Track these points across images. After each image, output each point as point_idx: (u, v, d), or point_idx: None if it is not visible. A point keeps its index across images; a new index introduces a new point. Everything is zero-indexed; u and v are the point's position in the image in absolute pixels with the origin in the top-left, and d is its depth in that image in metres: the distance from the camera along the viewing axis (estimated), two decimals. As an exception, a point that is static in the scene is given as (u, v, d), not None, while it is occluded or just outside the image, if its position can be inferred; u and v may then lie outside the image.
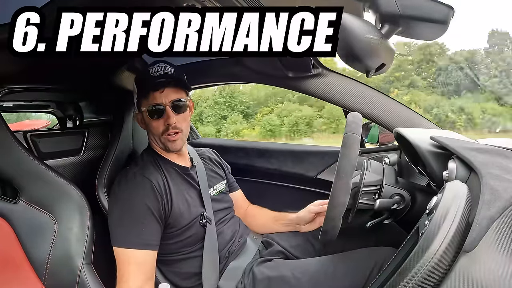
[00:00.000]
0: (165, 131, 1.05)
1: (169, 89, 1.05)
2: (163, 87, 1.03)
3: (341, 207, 0.81)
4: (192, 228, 1.05)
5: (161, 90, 1.03)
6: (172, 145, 1.07)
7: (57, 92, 1.29)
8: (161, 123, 1.05)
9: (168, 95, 1.04)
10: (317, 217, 1.19)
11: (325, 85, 1.27)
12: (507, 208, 0.57)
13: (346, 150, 0.78)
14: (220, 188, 1.22)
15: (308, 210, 1.19)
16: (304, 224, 1.21)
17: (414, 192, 0.93)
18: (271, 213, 1.32)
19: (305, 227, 1.21)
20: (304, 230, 1.22)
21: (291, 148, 1.64)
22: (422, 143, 0.85)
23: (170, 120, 1.04)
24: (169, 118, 1.04)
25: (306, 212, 1.19)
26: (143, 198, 0.98)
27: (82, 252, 0.94)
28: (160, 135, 1.06)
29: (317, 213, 1.18)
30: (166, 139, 1.06)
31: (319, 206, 1.17)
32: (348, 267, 0.97)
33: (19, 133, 1.07)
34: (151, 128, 1.07)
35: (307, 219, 1.20)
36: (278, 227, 1.27)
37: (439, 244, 0.55)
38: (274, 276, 1.00)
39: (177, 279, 1.07)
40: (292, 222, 1.23)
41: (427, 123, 1.22)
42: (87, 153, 1.28)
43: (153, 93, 1.03)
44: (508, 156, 0.71)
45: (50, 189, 0.98)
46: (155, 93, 1.03)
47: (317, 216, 1.19)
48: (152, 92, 1.03)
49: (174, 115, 1.05)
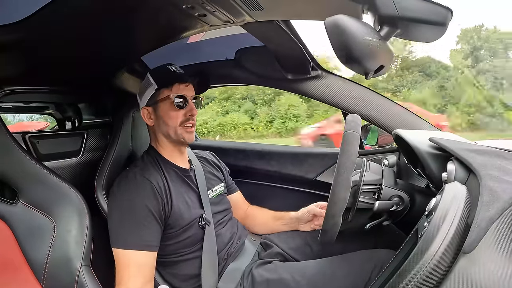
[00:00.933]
0: (184, 122, 1.08)
1: (191, 85, 1.11)
2: (189, 82, 1.10)
3: (342, 203, 0.81)
4: (191, 229, 1.05)
5: (186, 83, 1.09)
6: (189, 136, 1.10)
7: (56, 93, 1.29)
8: (182, 114, 1.08)
9: (190, 90, 1.10)
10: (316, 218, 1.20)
11: (324, 87, 1.27)
12: (506, 209, 0.57)
13: (346, 146, 0.79)
14: (218, 190, 1.22)
15: (308, 210, 1.20)
16: (303, 223, 1.22)
17: (413, 193, 0.93)
18: (270, 212, 1.33)
19: (304, 226, 1.22)
20: (303, 229, 1.23)
21: (291, 150, 1.64)
22: (421, 144, 0.85)
23: (193, 111, 1.09)
24: (192, 109, 1.09)
25: (306, 212, 1.20)
26: (143, 199, 0.98)
27: (80, 254, 0.93)
28: (177, 126, 1.08)
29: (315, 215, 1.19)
30: (184, 130, 1.09)
31: (319, 209, 1.18)
32: (347, 269, 0.97)
33: (18, 135, 1.07)
34: (169, 118, 1.08)
35: (306, 219, 1.21)
36: (277, 226, 1.28)
37: (438, 245, 0.55)
38: (273, 278, 1.00)
39: (176, 280, 1.07)
40: (292, 221, 1.24)
41: (426, 125, 1.22)
42: (86, 155, 1.28)
43: (178, 84, 1.08)
44: (507, 157, 0.71)
45: (48, 191, 0.97)
46: (180, 84, 1.08)
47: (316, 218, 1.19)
48: (178, 84, 1.08)
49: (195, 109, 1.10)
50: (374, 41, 0.57)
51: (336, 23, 0.55)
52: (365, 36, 0.56)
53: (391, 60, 0.65)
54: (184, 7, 0.81)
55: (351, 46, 0.55)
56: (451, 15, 0.60)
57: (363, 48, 0.56)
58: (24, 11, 0.73)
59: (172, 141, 1.11)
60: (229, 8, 0.84)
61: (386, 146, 1.42)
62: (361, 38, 0.55)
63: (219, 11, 0.85)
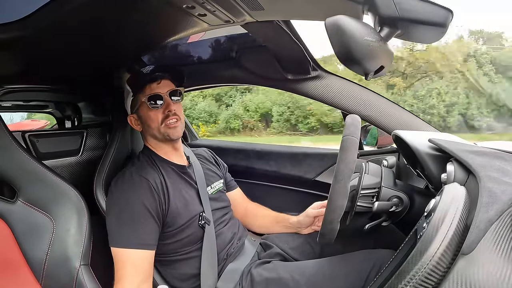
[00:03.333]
0: (165, 119, 1.07)
1: (165, 80, 1.10)
2: (160, 78, 1.08)
3: (339, 210, 0.81)
4: (189, 228, 1.05)
5: (158, 81, 1.08)
6: (174, 132, 1.09)
7: (56, 92, 1.29)
8: (160, 112, 1.08)
9: (164, 86, 1.09)
10: (316, 220, 1.20)
11: (323, 87, 1.27)
12: (505, 210, 0.58)
13: (344, 153, 0.78)
14: (217, 186, 1.22)
15: (306, 214, 1.20)
16: (303, 228, 1.22)
17: (412, 194, 0.93)
18: (272, 214, 1.33)
19: (305, 230, 1.23)
20: (304, 232, 1.23)
21: (290, 150, 1.64)
22: (421, 145, 0.85)
23: (170, 107, 1.08)
24: (169, 105, 1.08)
25: (305, 217, 1.20)
26: (141, 197, 0.98)
27: (79, 253, 0.93)
28: (160, 125, 1.08)
29: (316, 217, 1.19)
30: (167, 127, 1.08)
31: (317, 210, 1.18)
32: (347, 269, 0.97)
33: (18, 133, 1.07)
34: (150, 120, 1.08)
35: (307, 223, 1.21)
36: (279, 228, 1.28)
37: (437, 246, 0.55)
38: (272, 278, 1.00)
39: (175, 280, 1.07)
40: (292, 225, 1.24)
41: (426, 125, 1.22)
42: (86, 154, 1.28)
43: (150, 85, 1.08)
44: (506, 158, 0.71)
45: (48, 189, 0.97)
46: (152, 84, 1.08)
47: (316, 219, 1.19)
48: (149, 84, 1.07)
49: (173, 103, 1.08)
50: (374, 42, 0.57)
51: (336, 23, 0.55)
52: (366, 37, 0.56)
53: (391, 61, 0.65)
54: (184, 7, 0.81)
55: (351, 46, 0.55)
56: (451, 16, 0.60)
57: (363, 49, 0.56)
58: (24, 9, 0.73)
59: (160, 140, 1.12)
60: (229, 8, 0.84)
61: (386, 146, 1.42)
62: (361, 38, 0.55)
63: (220, 11, 0.85)
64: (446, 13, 0.60)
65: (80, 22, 0.79)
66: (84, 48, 0.96)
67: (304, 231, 1.23)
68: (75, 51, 0.96)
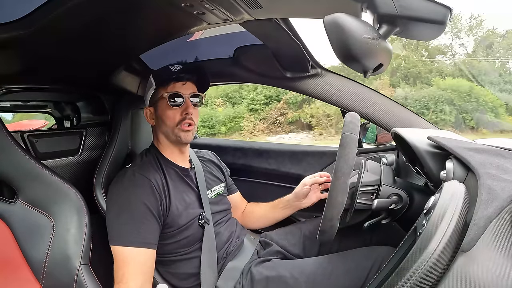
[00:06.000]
0: (181, 121, 1.08)
1: (190, 83, 1.11)
2: (185, 80, 1.09)
3: (339, 207, 0.81)
4: (189, 229, 1.05)
5: (183, 82, 1.09)
6: (186, 135, 1.09)
7: (55, 92, 1.29)
8: (178, 112, 1.08)
9: (188, 88, 1.10)
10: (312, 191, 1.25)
11: (323, 85, 1.27)
12: (504, 207, 0.58)
13: (344, 150, 0.79)
14: (218, 190, 1.22)
15: (303, 183, 1.24)
16: (302, 199, 1.25)
17: (412, 192, 0.93)
18: (267, 204, 1.35)
19: (304, 203, 1.25)
20: (304, 206, 1.25)
21: (289, 149, 1.64)
22: (420, 143, 0.85)
23: (189, 110, 1.08)
24: (188, 107, 1.08)
25: (301, 186, 1.24)
26: (142, 196, 0.98)
27: (79, 253, 0.93)
28: (174, 125, 1.08)
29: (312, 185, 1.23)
30: (180, 129, 1.08)
31: (313, 179, 1.23)
32: (346, 267, 0.97)
33: (17, 133, 1.07)
34: (166, 117, 1.09)
35: (304, 193, 1.24)
36: (277, 213, 1.30)
37: (436, 243, 0.55)
38: (272, 276, 1.00)
39: (175, 279, 1.07)
40: (289, 203, 1.27)
41: (425, 123, 1.22)
42: (85, 153, 1.28)
43: (174, 83, 1.08)
44: (505, 156, 0.71)
45: (47, 189, 0.97)
46: (176, 83, 1.08)
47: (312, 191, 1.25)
48: (174, 82, 1.08)
49: (192, 106, 1.09)
50: (373, 40, 0.57)
51: (335, 21, 0.55)
52: (364, 35, 0.56)
53: (390, 59, 0.65)
54: (183, 5, 0.81)
55: (350, 44, 0.55)
56: (450, 13, 0.60)
57: (362, 47, 0.56)
58: (23, 9, 0.73)
59: (171, 141, 1.12)
60: (228, 6, 0.84)
61: (385, 144, 1.42)
62: (360, 36, 0.55)
63: (218, 9, 0.84)
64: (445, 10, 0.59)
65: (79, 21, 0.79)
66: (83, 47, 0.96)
67: (303, 204, 1.25)
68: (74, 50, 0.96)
